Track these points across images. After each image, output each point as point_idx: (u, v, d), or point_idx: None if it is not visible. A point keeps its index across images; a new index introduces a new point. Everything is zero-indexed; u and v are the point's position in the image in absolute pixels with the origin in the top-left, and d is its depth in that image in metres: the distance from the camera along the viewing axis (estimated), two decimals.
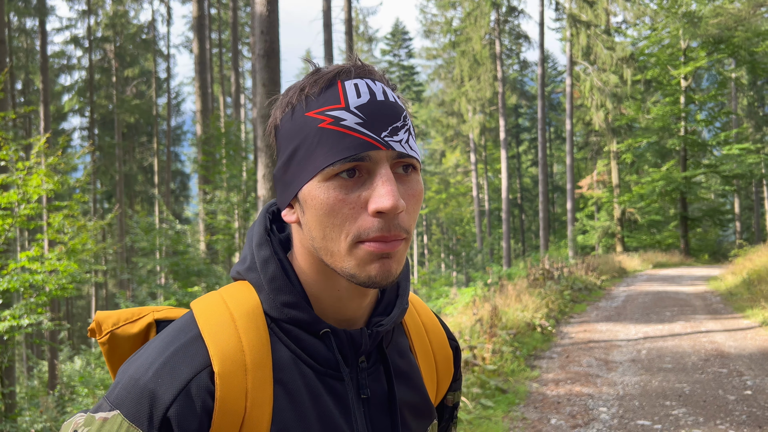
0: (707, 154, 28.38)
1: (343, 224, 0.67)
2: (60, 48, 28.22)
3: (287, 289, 0.72)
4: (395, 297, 0.79)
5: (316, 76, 0.71)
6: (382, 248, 0.66)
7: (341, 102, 0.67)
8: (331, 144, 0.66)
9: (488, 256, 28.47)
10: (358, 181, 0.67)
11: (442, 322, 0.92)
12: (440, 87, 34.51)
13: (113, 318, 0.78)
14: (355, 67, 0.70)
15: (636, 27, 26.91)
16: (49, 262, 7.74)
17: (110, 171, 27.65)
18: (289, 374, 0.71)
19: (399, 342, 0.82)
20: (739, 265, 15.03)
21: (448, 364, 0.88)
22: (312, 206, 0.68)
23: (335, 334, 0.73)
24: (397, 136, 0.68)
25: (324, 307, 0.74)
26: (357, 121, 0.66)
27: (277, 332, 0.72)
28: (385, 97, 0.69)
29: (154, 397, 0.64)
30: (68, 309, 28.32)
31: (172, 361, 0.66)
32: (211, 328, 0.69)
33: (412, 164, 0.70)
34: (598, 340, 8.08)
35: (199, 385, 0.65)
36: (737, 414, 4.82)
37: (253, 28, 6.89)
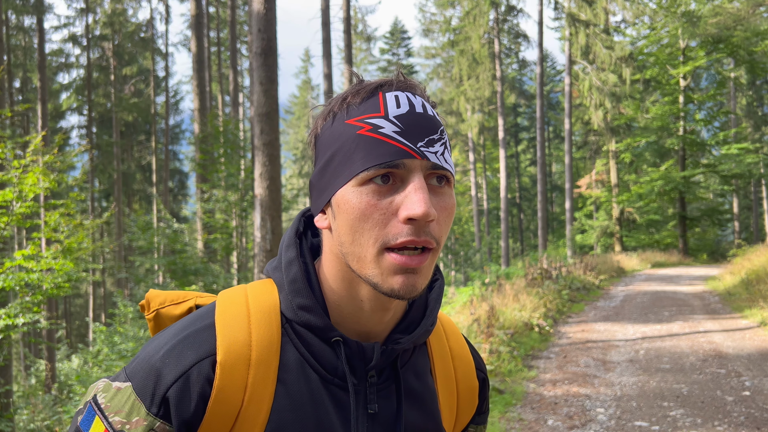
0: (706, 154, 28.38)
1: (373, 229, 0.67)
2: (58, 46, 28.14)
3: (305, 293, 0.73)
4: (421, 317, 0.78)
5: (359, 86, 0.72)
6: (407, 263, 0.66)
7: (381, 111, 0.69)
8: (368, 150, 0.68)
9: (487, 255, 28.47)
10: (392, 188, 0.68)
11: (475, 352, 0.90)
12: (439, 86, 34.47)
13: (161, 298, 0.82)
14: (397, 80, 0.72)
15: (635, 26, 26.90)
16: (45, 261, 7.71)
17: (108, 169, 27.60)
18: (293, 376, 0.71)
19: (418, 363, 0.80)
20: (737, 264, 15.02)
21: (473, 395, 0.86)
22: (344, 210, 0.68)
23: (346, 344, 0.72)
24: (433, 147, 0.69)
25: (344, 315, 0.74)
26: (395, 130, 0.68)
27: (289, 333, 0.73)
28: (423, 110, 0.70)
29: (159, 377, 0.68)
30: (66, 308, 28.27)
31: (181, 345, 0.70)
32: (225, 320, 0.72)
33: (446, 177, 0.70)
34: (596, 340, 8.06)
35: (200, 371, 0.68)
36: (735, 415, 4.80)
37: (250, 27, 6.86)
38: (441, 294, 0.80)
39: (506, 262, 24.30)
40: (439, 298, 0.80)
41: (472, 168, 32.29)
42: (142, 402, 0.67)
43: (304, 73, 46.57)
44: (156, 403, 0.67)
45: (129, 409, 0.67)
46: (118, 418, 0.67)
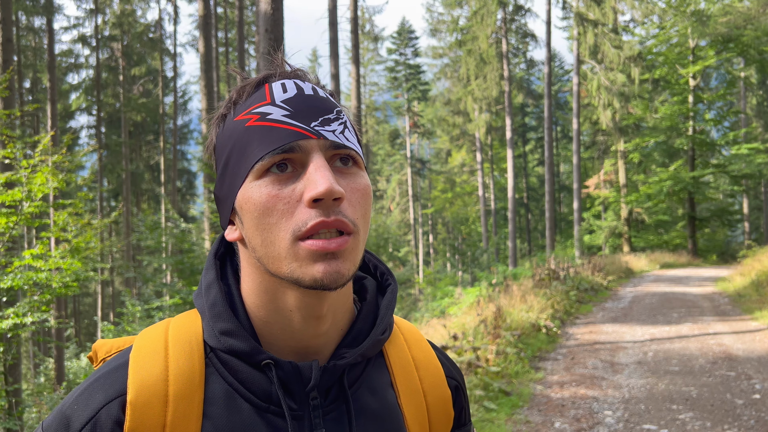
0: (716, 154, 28.19)
1: (280, 221, 0.62)
2: (68, 47, 28.31)
3: (226, 316, 0.66)
4: (370, 326, 0.72)
5: (244, 83, 0.69)
6: (324, 246, 0.60)
7: (267, 99, 0.65)
8: (260, 139, 0.63)
9: (494, 255, 28.40)
10: (292, 175, 0.63)
11: (445, 358, 0.82)
12: (446, 86, 34.42)
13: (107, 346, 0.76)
14: (282, 70, 0.69)
15: (644, 26, 26.75)
16: (54, 260, 7.75)
17: (117, 169, 27.74)
18: (221, 409, 0.65)
19: (374, 378, 0.73)
20: (747, 266, 14.91)
21: (446, 406, 0.77)
22: (248, 210, 0.64)
23: (278, 366, 0.66)
24: (329, 126, 0.64)
25: (274, 333, 0.67)
26: (284, 113, 0.64)
27: (215, 363, 0.67)
28: (314, 92, 0.67)
29: (68, 425, 0.63)
30: (75, 307, 28.43)
31: (90, 388, 0.65)
32: (139, 357, 0.66)
33: (351, 156, 0.65)
34: (604, 342, 8.01)
35: (108, 413, 0.63)
36: (745, 419, 4.75)
37: (257, 27, 6.86)
38: (394, 300, 0.74)
39: (513, 263, 24.23)
40: (391, 305, 0.74)
41: (480, 168, 32.23)
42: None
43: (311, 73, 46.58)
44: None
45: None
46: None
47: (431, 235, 41.55)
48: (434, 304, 13.32)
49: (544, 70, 24.37)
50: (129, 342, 0.74)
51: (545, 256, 16.71)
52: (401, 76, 37.53)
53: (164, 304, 11.47)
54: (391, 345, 0.76)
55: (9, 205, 7.70)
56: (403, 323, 0.81)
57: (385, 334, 0.72)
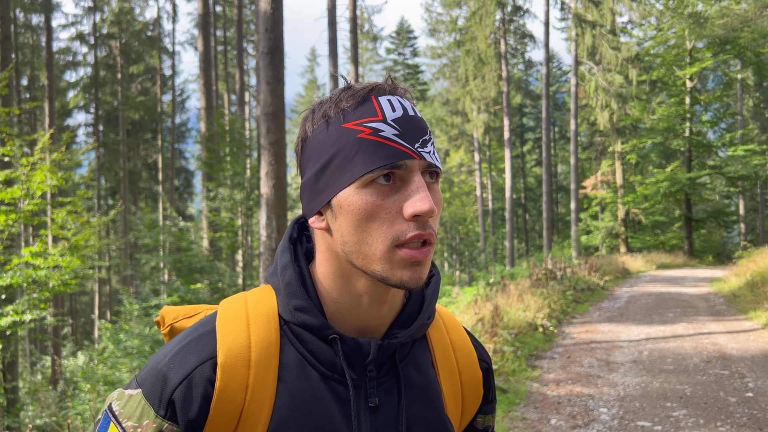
0: (712, 155, 28.28)
1: (381, 227, 0.71)
2: (65, 44, 28.33)
3: (300, 294, 0.76)
4: (418, 311, 0.82)
5: (351, 91, 0.75)
6: (416, 256, 0.71)
7: (379, 115, 0.72)
8: (371, 153, 0.71)
9: (491, 255, 28.46)
10: (393, 188, 0.72)
11: (477, 343, 0.92)
12: (445, 86, 34.48)
13: (174, 313, 0.86)
14: (387, 84, 0.76)
15: (642, 27, 26.83)
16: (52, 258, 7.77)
17: (114, 167, 27.72)
18: (293, 374, 0.75)
19: (418, 356, 0.83)
20: (743, 266, 14.98)
21: (477, 384, 0.88)
22: (348, 211, 0.72)
23: (343, 341, 0.75)
24: (426, 147, 0.73)
25: (342, 312, 0.77)
26: (394, 133, 0.72)
27: (288, 334, 0.76)
28: (414, 112, 0.75)
29: (165, 380, 0.72)
30: (72, 305, 28.41)
31: (185, 350, 0.74)
32: (225, 325, 0.75)
33: (437, 173, 0.75)
34: (600, 341, 8.07)
35: (202, 373, 0.72)
36: (738, 416, 4.81)
37: (257, 26, 6.90)
38: (437, 288, 0.84)
39: (511, 263, 24.29)
40: (435, 293, 0.83)
41: (478, 168, 32.28)
42: (151, 406, 0.71)
43: (310, 72, 46.65)
44: (163, 406, 0.71)
45: (140, 414, 0.71)
46: (131, 422, 0.71)
47: None
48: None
49: (542, 71, 24.44)
50: (194, 310, 0.86)
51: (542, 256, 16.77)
52: (400, 75, 37.57)
53: (162, 303, 11.48)
54: (432, 329, 0.86)
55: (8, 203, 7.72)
56: (442, 310, 0.91)
57: (430, 319, 0.82)
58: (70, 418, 5.70)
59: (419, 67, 37.98)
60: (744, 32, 22.32)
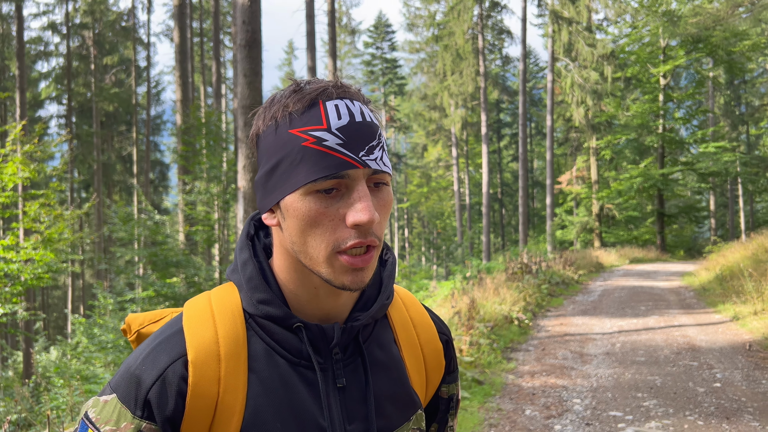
0: (684, 152, 28.80)
1: (324, 234, 0.74)
2: (37, 34, 27.75)
3: (262, 288, 0.79)
4: (377, 293, 0.86)
5: (299, 94, 0.76)
6: (356, 263, 0.73)
7: (323, 123, 0.73)
8: (314, 162, 0.73)
9: (468, 249, 28.65)
10: (337, 196, 0.74)
11: (435, 317, 0.96)
12: (423, 81, 34.53)
13: (140, 319, 0.88)
14: (335, 88, 0.76)
15: (617, 25, 27.17)
16: (25, 251, 7.65)
17: (88, 160, 27.26)
18: (262, 364, 0.78)
19: (381, 335, 0.87)
20: (712, 261, 15.32)
21: (438, 356, 0.92)
22: (293, 215, 0.75)
23: (307, 328, 0.79)
24: (372, 154, 0.74)
25: (302, 303, 0.80)
26: (338, 142, 0.73)
27: (253, 327, 0.80)
28: (362, 117, 0.75)
29: (139, 382, 0.74)
30: (44, 299, 27.92)
31: (155, 351, 0.76)
32: (192, 323, 0.79)
33: (383, 180, 0.77)
34: (574, 334, 8.21)
35: (174, 371, 0.75)
36: (706, 405, 4.95)
37: (234, 18, 6.85)
38: (394, 270, 0.88)
39: (487, 257, 24.49)
40: (392, 275, 0.87)
41: (455, 163, 32.45)
42: (127, 408, 0.73)
43: (287, 65, 46.34)
44: (139, 406, 0.73)
45: (117, 417, 0.74)
46: (108, 427, 0.73)
47: (407, 229, 41.71)
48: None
49: (520, 67, 24.63)
50: (160, 315, 0.89)
51: (518, 250, 16.95)
52: (378, 70, 37.52)
53: (137, 297, 11.37)
54: (392, 308, 0.91)
55: None
56: (400, 289, 0.95)
57: (389, 300, 0.86)
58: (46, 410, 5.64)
59: (397, 61, 37.97)
60: (716, 31, 22.73)
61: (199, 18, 26.66)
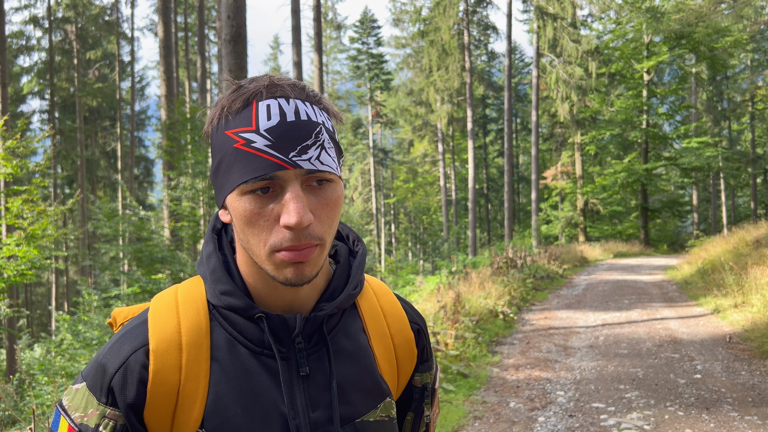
0: (667, 147, 29.10)
1: (261, 234, 0.75)
2: (18, 28, 27.32)
3: (225, 280, 0.81)
4: (344, 283, 0.87)
5: (235, 95, 0.77)
6: (294, 257, 0.74)
7: (252, 125, 0.74)
8: (244, 164, 0.74)
9: (454, 244, 28.77)
10: (272, 195, 0.74)
11: (408, 307, 0.97)
12: (409, 76, 34.54)
13: (125, 313, 0.90)
14: (269, 87, 0.76)
15: (601, 21, 27.35)
16: (8, 248, 7.58)
17: (71, 155, 26.98)
18: (224, 353, 0.80)
19: (348, 324, 0.88)
20: (695, 255, 15.52)
21: (410, 346, 0.93)
22: (234, 215, 0.77)
23: (268, 318, 0.81)
24: (306, 154, 0.74)
25: (263, 295, 0.82)
26: (266, 143, 0.73)
27: (216, 317, 0.82)
28: (296, 116, 0.74)
29: (104, 370, 0.78)
30: (27, 296, 27.63)
31: (120, 341, 0.80)
32: (156, 314, 0.81)
33: (324, 177, 0.76)
34: (558, 327, 8.30)
35: (136, 360, 0.78)
36: (686, 396, 5.04)
37: (219, 13, 6.82)
38: (363, 260, 0.89)
39: (473, 252, 24.62)
40: (361, 264, 0.89)
41: (441, 158, 32.53)
42: (93, 395, 0.77)
43: (273, 60, 46.12)
44: (104, 393, 0.77)
45: (85, 404, 0.77)
46: (78, 413, 0.77)
47: (393, 224, 41.77)
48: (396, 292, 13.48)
49: (505, 63, 24.72)
50: (143, 308, 0.89)
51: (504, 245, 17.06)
52: (364, 65, 37.46)
53: (122, 293, 11.30)
54: (362, 298, 0.92)
55: None
56: (373, 280, 0.97)
57: (356, 289, 0.87)
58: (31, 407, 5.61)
59: (383, 56, 37.94)
60: (699, 27, 22.98)
61: (183, 12, 26.45)
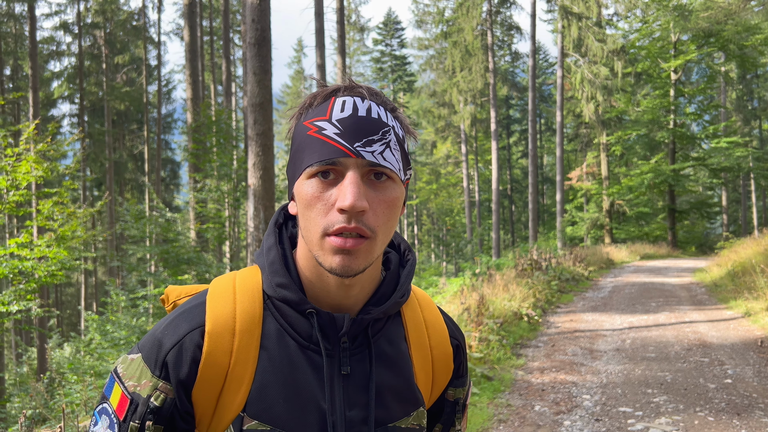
0: (696, 147, 28.59)
1: (317, 217, 0.78)
2: (49, 34, 27.99)
3: (282, 272, 0.84)
4: (392, 290, 0.89)
5: (317, 92, 0.83)
6: (341, 244, 0.76)
7: (327, 114, 0.80)
8: (312, 149, 0.79)
9: (478, 246, 28.63)
10: (333, 182, 0.78)
11: (450, 322, 0.99)
12: (432, 77, 34.46)
13: (177, 291, 0.94)
14: (348, 87, 0.82)
15: (627, 19, 27.00)
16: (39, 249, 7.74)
17: (100, 158, 27.48)
18: (273, 342, 0.83)
19: (392, 331, 0.90)
20: (724, 257, 15.22)
21: (447, 360, 0.95)
22: (299, 200, 0.81)
23: (318, 315, 0.83)
24: (371, 147, 0.78)
25: (316, 291, 0.85)
26: (335, 131, 0.78)
27: (270, 307, 0.85)
28: (367, 113, 0.80)
29: (160, 345, 0.81)
30: (57, 296, 28.21)
31: (177, 319, 0.83)
32: (214, 298, 0.85)
33: (385, 173, 0.79)
34: (584, 330, 8.20)
35: (191, 339, 0.81)
36: (717, 402, 4.94)
37: (244, 17, 6.89)
38: (412, 270, 0.91)
39: (497, 253, 24.46)
40: (410, 274, 0.90)
41: (464, 160, 32.39)
42: (148, 367, 0.80)
43: (297, 63, 46.42)
44: (159, 367, 0.80)
45: (139, 374, 0.81)
46: (132, 382, 0.81)
47: (416, 226, 41.71)
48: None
49: (529, 63, 24.53)
50: (195, 289, 0.93)
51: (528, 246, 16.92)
52: (387, 67, 37.49)
53: (149, 294, 11.47)
54: (407, 307, 0.94)
55: None
56: (419, 291, 0.99)
57: (403, 298, 0.89)
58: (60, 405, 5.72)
59: (406, 58, 37.92)
60: (728, 25, 22.55)
61: (209, 17, 26.77)
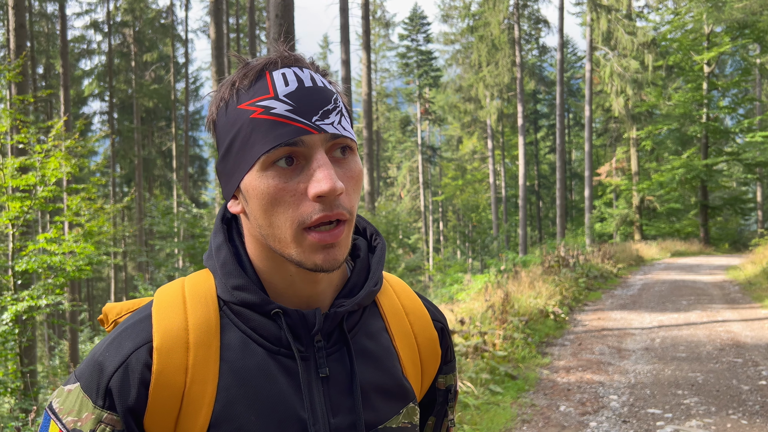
0: (729, 142, 27.88)
1: (287, 211, 0.69)
2: (80, 32, 28.45)
3: (237, 273, 0.74)
4: (364, 280, 0.81)
5: (245, 69, 0.72)
6: (326, 239, 0.69)
7: (270, 92, 0.69)
8: (264, 133, 0.68)
9: (504, 243, 28.36)
10: (296, 169, 0.69)
11: (429, 304, 0.91)
12: (458, 72, 34.20)
13: (117, 309, 0.83)
14: (281, 58, 0.72)
15: (658, 11, 26.42)
16: (67, 244, 7.86)
17: (129, 155, 27.93)
18: (236, 353, 0.73)
19: (370, 324, 0.82)
20: (759, 254, 14.82)
21: (434, 345, 0.87)
22: (254, 196, 0.70)
23: (286, 314, 0.74)
24: (328, 119, 0.69)
25: (279, 290, 0.76)
26: (287, 108, 0.68)
27: (228, 314, 0.75)
28: (312, 82, 0.71)
29: (101, 370, 0.70)
30: (89, 291, 28.79)
31: (120, 337, 0.72)
32: (161, 309, 0.74)
33: (347, 145, 0.71)
34: (612, 328, 8.03)
35: (138, 358, 0.70)
36: (750, 404, 4.78)
37: (268, 13, 6.88)
38: (383, 256, 0.83)
39: (524, 250, 24.20)
40: (381, 260, 0.82)
41: (491, 155, 32.11)
42: (89, 397, 0.69)
43: (322, 59, 46.50)
44: (101, 395, 0.69)
45: (79, 407, 0.69)
46: (71, 417, 0.69)
47: (441, 222, 41.53)
48: (443, 290, 13.36)
49: (557, 57, 24.17)
50: (138, 304, 0.82)
51: (555, 243, 16.69)
52: (413, 62, 37.34)
53: None
54: (382, 296, 0.85)
55: (23, 190, 7.80)
56: (391, 277, 0.90)
57: (377, 286, 0.81)
58: None
59: (432, 53, 37.70)
60: (763, 16, 21.90)
61: (235, 14, 26.95)
